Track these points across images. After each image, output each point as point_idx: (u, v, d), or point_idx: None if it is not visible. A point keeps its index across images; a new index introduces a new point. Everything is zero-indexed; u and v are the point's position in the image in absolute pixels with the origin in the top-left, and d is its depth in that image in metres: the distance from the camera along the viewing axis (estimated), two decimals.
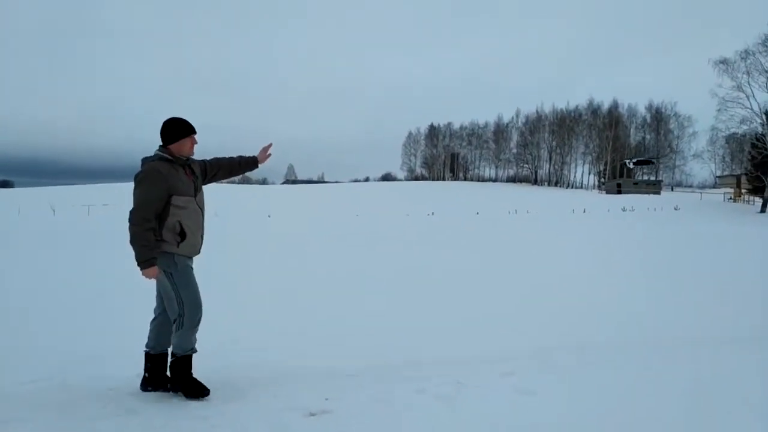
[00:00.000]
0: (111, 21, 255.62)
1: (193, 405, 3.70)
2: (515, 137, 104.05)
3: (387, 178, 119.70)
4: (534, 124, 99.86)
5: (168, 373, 4.01)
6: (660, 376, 4.36)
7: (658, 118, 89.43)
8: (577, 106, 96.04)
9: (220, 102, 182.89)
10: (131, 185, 3.73)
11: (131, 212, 3.66)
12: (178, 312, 3.79)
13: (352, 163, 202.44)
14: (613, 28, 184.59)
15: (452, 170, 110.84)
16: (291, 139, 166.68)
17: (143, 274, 3.68)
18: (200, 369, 4.34)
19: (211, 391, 3.85)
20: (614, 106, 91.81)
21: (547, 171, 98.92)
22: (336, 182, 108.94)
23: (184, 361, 3.85)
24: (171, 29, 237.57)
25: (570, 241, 19.23)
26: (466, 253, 15.07)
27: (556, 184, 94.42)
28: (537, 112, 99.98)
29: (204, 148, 4.38)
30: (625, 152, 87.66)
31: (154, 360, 3.98)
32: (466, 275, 10.57)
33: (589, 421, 3.48)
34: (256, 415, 3.54)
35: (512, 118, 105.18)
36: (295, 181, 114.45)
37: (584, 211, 36.64)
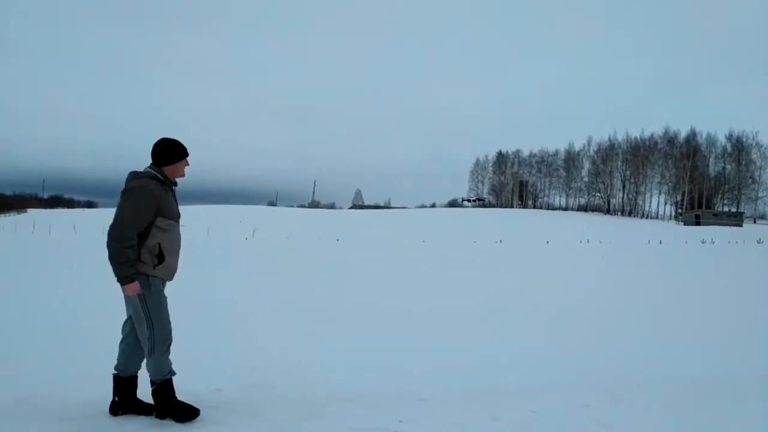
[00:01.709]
0: (175, 52, 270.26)
1: (274, 420, 3.82)
2: (587, 165, 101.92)
3: (454, 204, 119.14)
4: (606, 153, 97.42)
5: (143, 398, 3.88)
6: (750, 417, 4.18)
7: (739, 148, 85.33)
8: (652, 135, 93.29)
9: (286, 128, 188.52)
10: (197, 207, 3.64)
11: (113, 227, 3.49)
12: (147, 335, 3.64)
13: (419, 188, 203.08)
14: (688, 55, 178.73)
15: (521, 198, 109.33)
16: (359, 165, 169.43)
17: (124, 291, 3.56)
18: (279, 386, 4.50)
19: (272, 408, 3.90)
20: (692, 135, 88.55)
21: (621, 200, 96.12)
22: (402, 208, 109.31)
23: (165, 386, 3.72)
24: (235, 58, 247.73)
25: (647, 273, 18.57)
26: (535, 281, 14.82)
27: (629, 214, 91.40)
28: (609, 140, 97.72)
29: (271, 172, 4.46)
30: (704, 183, 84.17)
31: (123, 383, 3.82)
32: (532, 303, 10.40)
33: None
34: None
35: (584, 146, 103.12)
36: (362, 206, 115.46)
37: (660, 243, 35.28)
